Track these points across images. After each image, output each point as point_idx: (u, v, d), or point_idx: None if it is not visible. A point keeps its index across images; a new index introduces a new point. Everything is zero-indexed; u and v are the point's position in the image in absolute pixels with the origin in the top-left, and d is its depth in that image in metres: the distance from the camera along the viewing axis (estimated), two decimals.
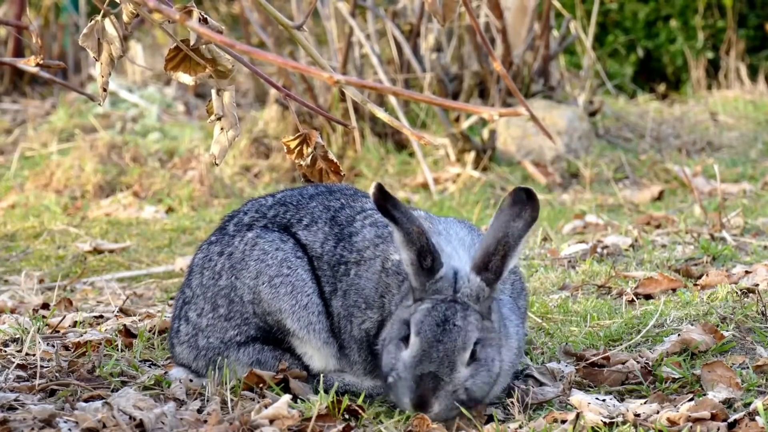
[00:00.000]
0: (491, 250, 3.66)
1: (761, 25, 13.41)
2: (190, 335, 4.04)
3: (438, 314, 3.61)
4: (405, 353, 3.61)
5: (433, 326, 3.60)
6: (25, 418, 3.59)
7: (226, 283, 3.98)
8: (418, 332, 3.60)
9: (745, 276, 5.10)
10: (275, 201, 4.12)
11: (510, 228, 3.64)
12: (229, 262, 3.99)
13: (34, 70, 3.56)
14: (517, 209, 3.66)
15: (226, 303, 3.98)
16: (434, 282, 3.65)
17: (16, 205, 8.52)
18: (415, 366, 3.58)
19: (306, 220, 4.03)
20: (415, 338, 3.60)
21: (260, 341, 3.96)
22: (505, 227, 3.64)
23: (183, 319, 4.07)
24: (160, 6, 2.80)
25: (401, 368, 3.61)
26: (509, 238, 3.64)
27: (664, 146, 9.93)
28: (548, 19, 9.48)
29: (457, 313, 3.62)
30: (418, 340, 3.60)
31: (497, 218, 3.67)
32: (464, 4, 3.20)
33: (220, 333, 3.99)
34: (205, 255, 4.07)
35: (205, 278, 4.03)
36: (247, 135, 9.44)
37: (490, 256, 3.66)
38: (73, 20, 12.76)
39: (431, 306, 3.63)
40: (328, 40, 9.46)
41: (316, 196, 4.09)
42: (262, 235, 3.99)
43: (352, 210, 4.03)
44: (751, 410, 3.64)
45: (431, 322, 3.60)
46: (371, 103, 3.77)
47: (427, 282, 3.66)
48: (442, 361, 3.57)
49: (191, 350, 4.04)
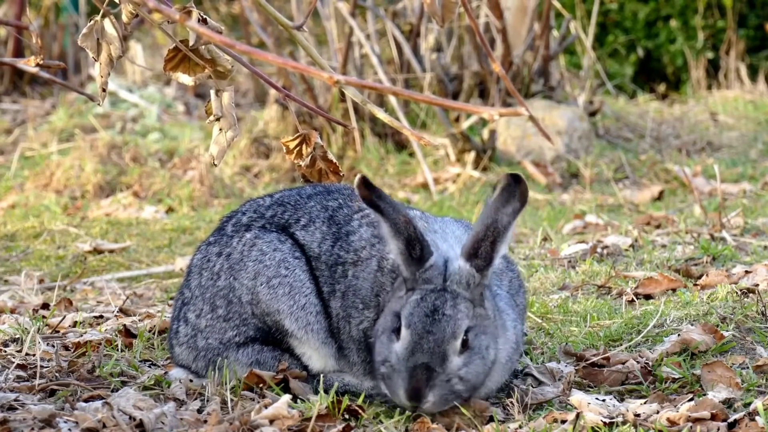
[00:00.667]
0: (480, 236, 3.66)
1: (761, 25, 13.41)
2: (189, 336, 4.04)
3: (427, 305, 3.62)
4: (397, 345, 3.62)
5: (422, 317, 3.60)
6: (25, 418, 3.59)
7: (224, 283, 3.98)
8: (409, 324, 3.60)
9: (745, 276, 5.10)
10: (273, 201, 4.11)
11: (499, 214, 3.65)
12: (228, 263, 3.98)
13: (34, 70, 3.56)
14: (506, 195, 3.67)
15: (225, 304, 3.97)
16: (424, 271, 3.66)
17: (16, 205, 8.52)
18: (407, 358, 3.58)
19: (304, 219, 4.03)
20: (405, 330, 3.61)
21: (259, 342, 3.96)
22: (494, 213, 3.66)
23: (182, 320, 4.06)
24: (159, 6, 2.80)
25: (394, 360, 3.61)
26: (498, 224, 3.65)
27: (664, 146, 9.93)
28: (548, 19, 9.48)
29: (447, 302, 3.62)
30: (408, 333, 3.60)
31: (487, 206, 3.69)
32: (463, 4, 3.20)
33: (219, 334, 3.99)
34: (204, 256, 4.07)
35: (204, 279, 4.03)
36: (247, 135, 9.44)
37: (480, 242, 3.67)
38: (73, 20, 12.76)
39: (420, 297, 3.63)
40: (328, 40, 9.46)
41: (314, 195, 4.09)
42: (260, 236, 3.99)
43: (350, 209, 4.03)
44: (751, 410, 3.64)
45: (420, 313, 3.61)
46: (371, 103, 3.77)
47: (417, 271, 3.66)
48: (433, 351, 3.57)
49: (190, 351, 4.04)
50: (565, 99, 9.80)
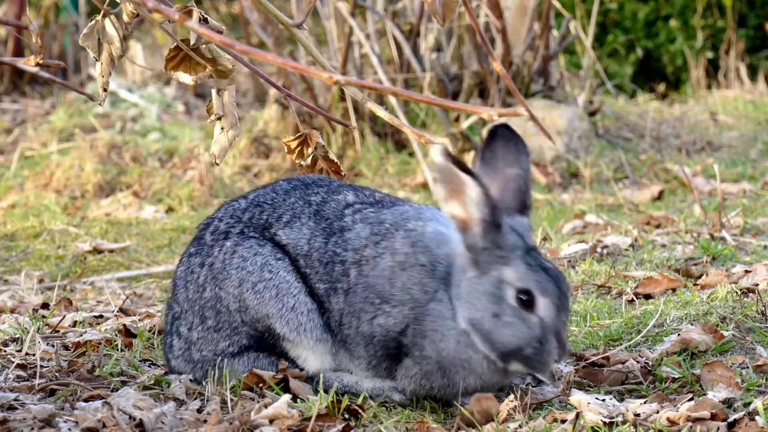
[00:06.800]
0: (523, 189, 3.72)
1: (761, 25, 13.41)
2: (183, 350, 4.01)
3: (540, 266, 3.64)
4: (537, 316, 3.62)
5: (551, 280, 3.63)
6: (24, 418, 3.59)
7: (210, 294, 3.93)
8: (544, 291, 3.61)
9: (744, 276, 5.10)
10: (249, 203, 4.03)
11: (521, 162, 3.71)
12: (211, 273, 3.93)
13: (34, 70, 3.56)
14: (512, 146, 3.73)
15: (214, 314, 3.93)
16: (503, 236, 3.65)
17: (16, 205, 8.52)
18: (556, 323, 3.62)
19: (286, 216, 3.95)
20: (543, 298, 3.61)
21: (253, 349, 3.92)
22: (515, 164, 3.71)
23: (175, 334, 4.03)
24: (160, 6, 2.80)
25: (539, 331, 3.62)
26: (526, 173, 3.72)
27: (664, 146, 9.93)
28: (548, 18, 9.48)
29: (544, 258, 3.70)
30: (547, 299, 3.61)
31: (495, 160, 3.72)
32: (464, 4, 3.20)
33: (212, 345, 3.95)
34: (187, 267, 4.02)
35: (190, 292, 3.98)
36: (247, 135, 9.44)
37: (524, 193, 3.72)
38: (73, 20, 12.76)
39: (527, 263, 3.64)
40: (328, 40, 9.46)
41: (291, 191, 4.01)
42: (239, 242, 3.92)
43: (337, 203, 3.95)
44: (751, 410, 3.64)
45: (546, 278, 3.63)
46: (371, 101, 3.77)
47: (498, 238, 3.64)
48: (567, 307, 3.66)
49: (186, 364, 4.01)
50: (564, 99, 9.80)
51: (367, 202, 3.96)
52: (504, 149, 3.75)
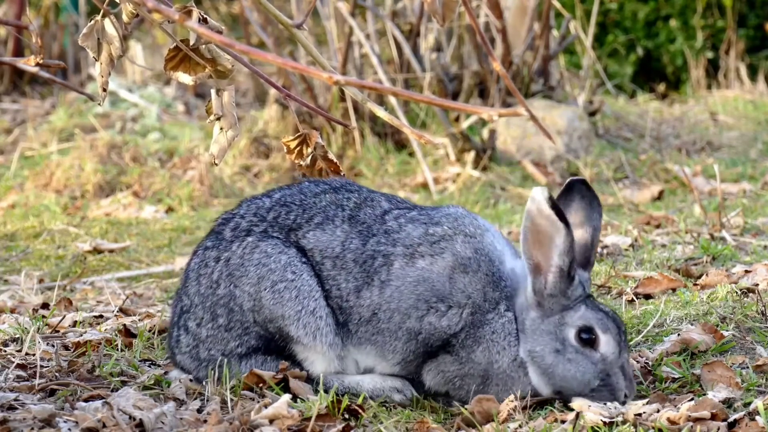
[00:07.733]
0: (590, 246, 3.86)
1: (761, 25, 13.41)
2: (191, 347, 3.96)
3: (601, 309, 3.79)
4: (600, 353, 3.74)
5: (610, 320, 3.76)
6: (24, 418, 3.59)
7: (224, 291, 3.89)
8: (606, 329, 3.74)
9: (744, 276, 5.10)
10: (274, 202, 3.99)
11: (592, 221, 3.87)
12: (227, 270, 3.89)
13: (34, 70, 3.56)
14: (587, 202, 3.88)
15: (226, 313, 3.89)
16: (573, 288, 3.77)
17: (16, 205, 8.52)
18: (618, 358, 3.74)
19: (318, 218, 3.91)
20: (605, 336, 3.73)
21: (262, 352, 3.89)
22: (587, 221, 3.86)
23: (182, 329, 3.98)
24: (159, 6, 2.80)
25: (601, 367, 3.74)
26: (595, 231, 3.87)
27: (664, 146, 9.93)
28: (548, 18, 9.48)
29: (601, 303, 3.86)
30: (609, 336, 3.74)
31: (569, 213, 3.82)
32: (464, 3, 3.20)
33: (221, 345, 3.91)
34: (201, 260, 3.96)
35: (203, 287, 3.93)
36: (247, 135, 9.44)
37: (590, 251, 3.86)
38: (73, 20, 12.76)
39: (588, 306, 3.77)
40: (328, 40, 9.46)
41: (321, 194, 3.98)
42: (263, 239, 3.89)
43: (373, 209, 3.93)
44: (751, 410, 3.64)
45: (604, 317, 3.76)
46: (371, 101, 3.76)
47: (568, 289, 3.76)
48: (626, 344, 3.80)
49: (193, 360, 3.97)
50: (564, 99, 9.80)
51: (404, 207, 3.97)
52: (579, 204, 3.88)
